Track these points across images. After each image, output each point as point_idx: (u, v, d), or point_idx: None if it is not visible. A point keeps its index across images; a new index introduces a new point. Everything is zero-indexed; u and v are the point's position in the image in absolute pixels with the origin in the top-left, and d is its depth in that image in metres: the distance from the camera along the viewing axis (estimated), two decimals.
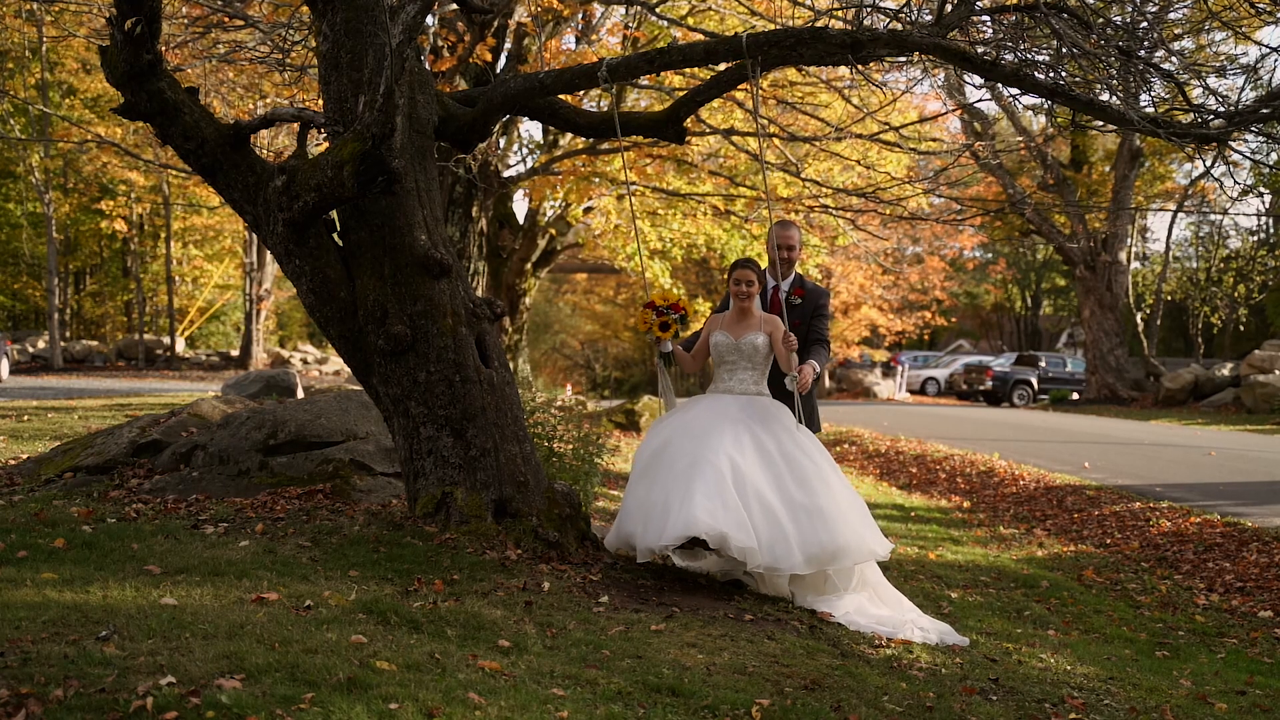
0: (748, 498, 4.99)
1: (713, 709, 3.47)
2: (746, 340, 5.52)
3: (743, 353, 5.52)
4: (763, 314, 5.64)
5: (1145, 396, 26.68)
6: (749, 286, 5.56)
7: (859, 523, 5.20)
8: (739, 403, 5.41)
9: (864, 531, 5.21)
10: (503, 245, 18.75)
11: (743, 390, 5.50)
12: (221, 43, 10.12)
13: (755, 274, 5.57)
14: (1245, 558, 7.72)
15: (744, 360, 5.52)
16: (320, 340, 37.88)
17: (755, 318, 5.58)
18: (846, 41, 5.10)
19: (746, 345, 5.52)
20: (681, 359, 5.78)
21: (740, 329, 5.56)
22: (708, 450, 5.09)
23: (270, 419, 6.83)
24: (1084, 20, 5.01)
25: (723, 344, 5.57)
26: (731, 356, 5.54)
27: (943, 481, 12.44)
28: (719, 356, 5.60)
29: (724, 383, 5.56)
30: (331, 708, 2.96)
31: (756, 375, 5.54)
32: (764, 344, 5.52)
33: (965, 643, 5.07)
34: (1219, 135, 4.95)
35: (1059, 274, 45.74)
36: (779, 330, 5.52)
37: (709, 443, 5.13)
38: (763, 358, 5.56)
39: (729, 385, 5.53)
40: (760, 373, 5.56)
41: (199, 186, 25.29)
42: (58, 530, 5.08)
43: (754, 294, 5.58)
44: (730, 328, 5.60)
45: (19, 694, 2.82)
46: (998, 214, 28.38)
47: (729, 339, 5.57)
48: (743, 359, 5.52)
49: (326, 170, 5.06)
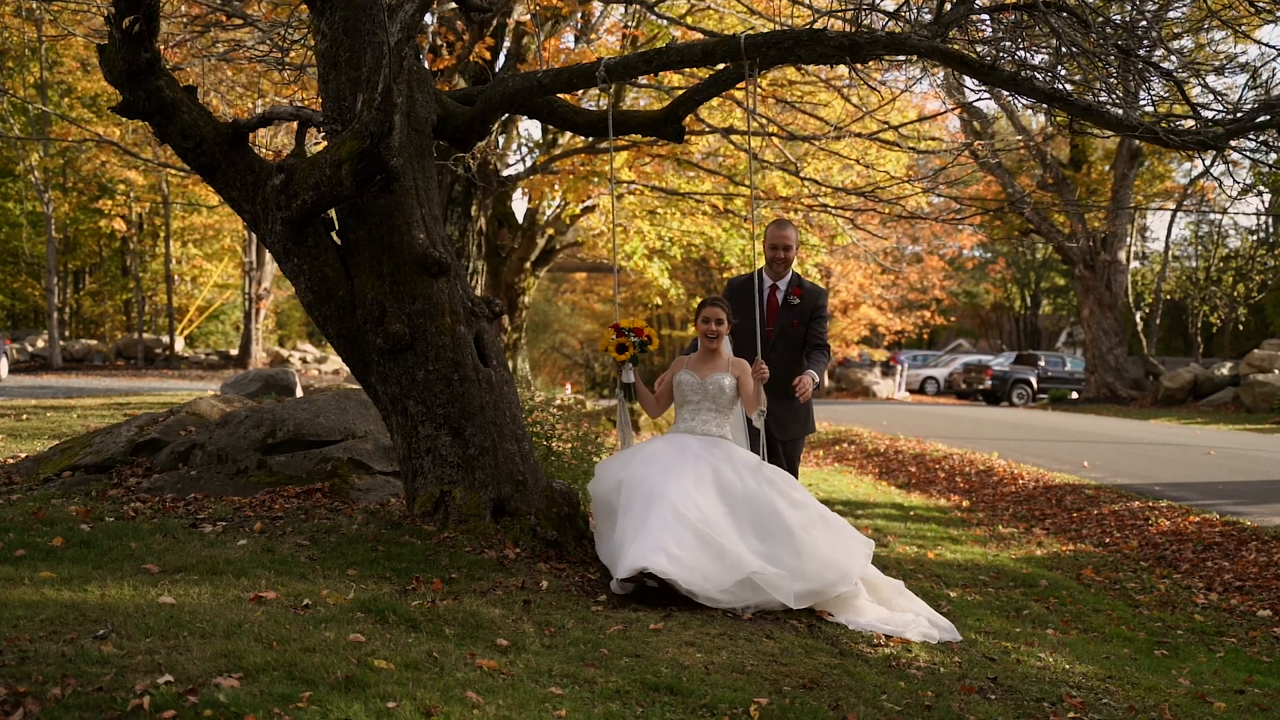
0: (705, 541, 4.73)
1: (711, 708, 3.47)
2: (712, 380, 5.26)
3: (707, 393, 5.25)
4: (731, 357, 5.38)
5: (1144, 396, 26.69)
6: (718, 325, 5.31)
7: (825, 560, 4.89)
8: (701, 442, 5.15)
9: (831, 567, 4.89)
10: (502, 244, 18.75)
11: (704, 432, 5.22)
12: (220, 41, 10.12)
13: (724, 313, 5.35)
14: (1244, 557, 7.72)
15: (708, 401, 5.24)
16: (319, 339, 37.86)
17: (723, 359, 5.34)
18: (844, 43, 5.09)
19: (712, 385, 5.25)
20: (643, 397, 5.51)
21: (706, 369, 5.30)
22: (667, 489, 4.83)
23: (269, 418, 6.83)
24: (1083, 19, 5.01)
25: (687, 383, 5.30)
26: (695, 396, 5.27)
27: (942, 481, 12.44)
28: (681, 396, 5.32)
29: (685, 423, 5.28)
30: (329, 706, 2.96)
31: (720, 419, 5.26)
32: (730, 386, 5.25)
33: (959, 639, 5.07)
34: (1216, 143, 4.95)
35: (1058, 273, 45.76)
36: (747, 375, 5.26)
37: (669, 480, 4.88)
38: (728, 400, 5.27)
39: (690, 426, 5.25)
40: (724, 416, 5.27)
41: (198, 185, 25.28)
42: (56, 529, 5.08)
43: (723, 334, 5.33)
44: (696, 367, 5.33)
45: (16, 693, 2.82)
46: (997, 213, 28.39)
47: (694, 378, 5.29)
48: (707, 399, 5.24)
49: (325, 169, 5.06)
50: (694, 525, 4.73)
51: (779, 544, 4.82)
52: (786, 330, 5.83)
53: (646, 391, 5.49)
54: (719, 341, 5.31)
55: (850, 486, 11.82)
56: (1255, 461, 13.29)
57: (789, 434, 5.86)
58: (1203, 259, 34.15)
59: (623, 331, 5.41)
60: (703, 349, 5.35)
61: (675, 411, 5.39)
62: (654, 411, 5.54)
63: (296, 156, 5.35)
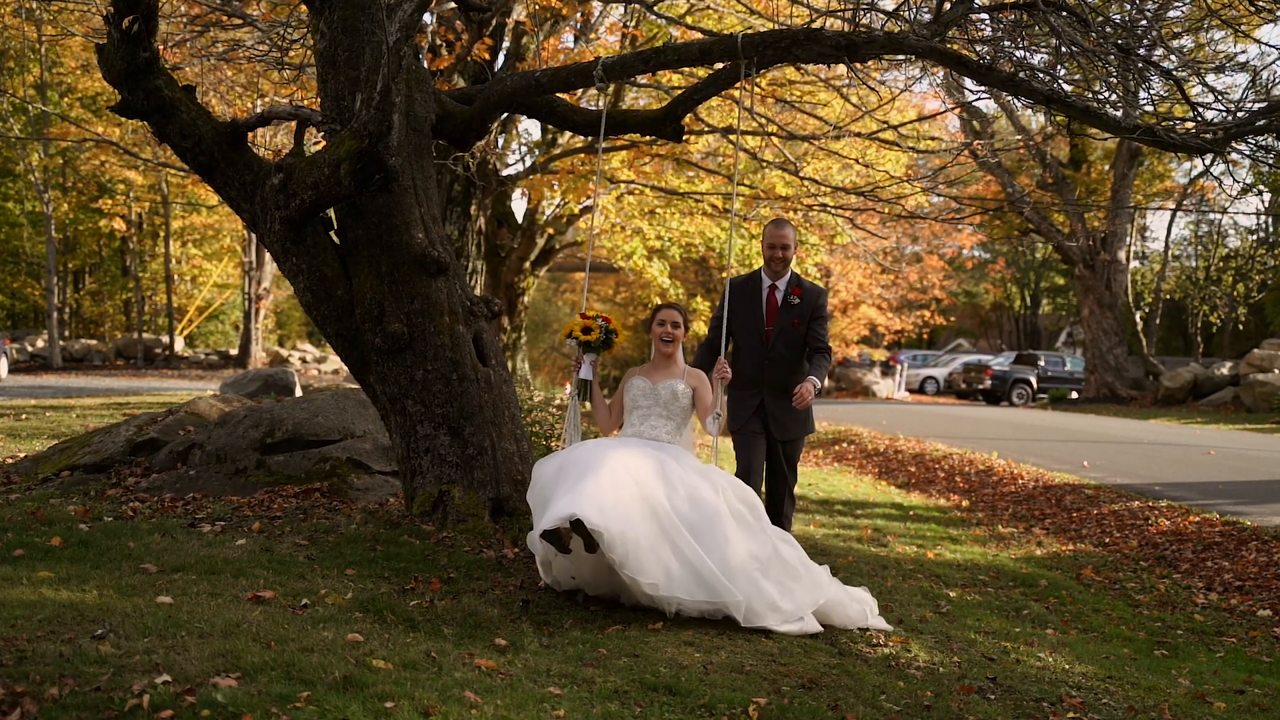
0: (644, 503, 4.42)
1: (710, 708, 3.47)
2: (665, 385, 4.96)
3: (659, 398, 4.94)
4: (687, 366, 5.12)
5: (1144, 395, 26.69)
6: (674, 329, 5.03)
7: (747, 582, 4.48)
8: (650, 443, 4.81)
9: (753, 592, 4.47)
10: (501, 244, 18.74)
11: (653, 437, 4.88)
12: (219, 41, 10.11)
13: (681, 317, 5.11)
14: (1244, 557, 7.71)
15: (659, 407, 4.93)
16: (319, 339, 37.86)
17: (678, 367, 5.05)
18: (842, 43, 5.09)
19: (664, 391, 4.94)
20: (597, 401, 5.17)
21: (660, 375, 5.01)
22: (606, 458, 4.49)
23: (268, 418, 6.82)
24: (1083, 18, 5.01)
25: (637, 387, 4.99)
26: (645, 401, 4.95)
27: (941, 480, 12.43)
28: (631, 402, 4.99)
29: (633, 428, 4.94)
30: (327, 706, 2.95)
31: (671, 427, 4.93)
32: (684, 393, 4.95)
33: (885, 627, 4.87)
34: (1214, 147, 4.95)
35: (1058, 273, 45.76)
36: (705, 385, 5.01)
37: (609, 454, 4.53)
38: (680, 408, 4.95)
39: (639, 431, 4.91)
40: (676, 425, 4.95)
41: (198, 185, 25.28)
42: (54, 529, 5.08)
43: (678, 338, 5.05)
44: (648, 373, 5.05)
45: (14, 692, 2.81)
46: (997, 213, 28.39)
47: (645, 383, 5.00)
48: (658, 405, 4.93)
49: (324, 168, 5.06)
50: (634, 489, 4.40)
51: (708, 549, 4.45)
52: (786, 330, 5.82)
53: (601, 397, 5.18)
54: (674, 346, 5.05)
55: (850, 486, 11.81)
56: (1255, 461, 13.29)
57: (788, 434, 5.86)
58: (1202, 258, 34.15)
59: (590, 317, 5.16)
60: (657, 354, 5.10)
61: (625, 418, 5.06)
62: (605, 422, 5.18)
63: (295, 156, 5.35)
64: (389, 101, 4.84)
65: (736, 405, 5.81)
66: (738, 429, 5.77)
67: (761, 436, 5.74)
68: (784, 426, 5.82)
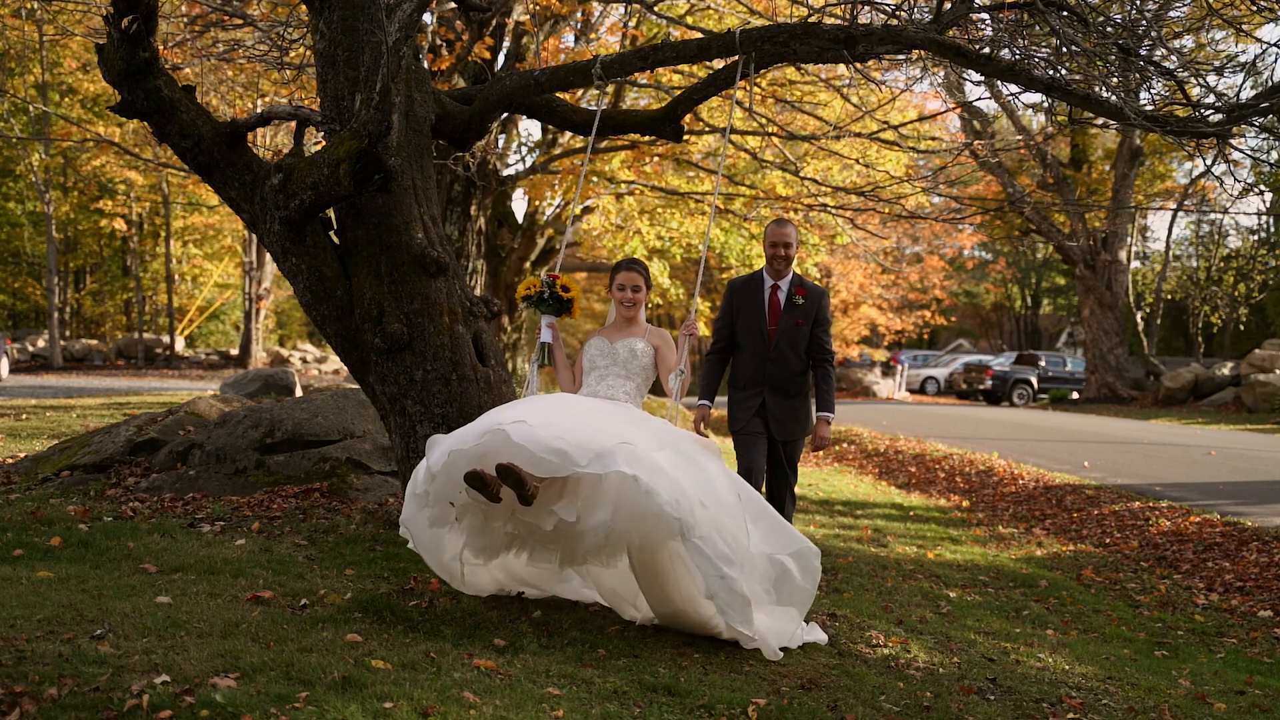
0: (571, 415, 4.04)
1: (709, 708, 3.46)
2: (623, 344, 4.67)
3: (617, 357, 4.65)
4: (651, 327, 4.81)
5: (1145, 396, 26.68)
6: (634, 293, 4.74)
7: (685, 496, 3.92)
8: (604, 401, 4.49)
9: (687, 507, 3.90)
10: (501, 244, 18.74)
11: (610, 397, 4.57)
12: (219, 41, 10.12)
13: (642, 277, 4.81)
14: (1245, 557, 7.71)
15: (617, 366, 4.64)
16: (319, 339, 37.87)
17: (640, 327, 4.77)
18: (840, 37, 5.08)
19: (622, 349, 4.66)
20: (560, 365, 4.95)
21: (619, 335, 4.74)
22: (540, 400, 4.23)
23: (267, 418, 6.82)
24: (1083, 18, 5.00)
25: (595, 348, 4.71)
26: (603, 361, 4.66)
27: (942, 481, 12.43)
28: (590, 363, 4.71)
29: (589, 388, 4.65)
30: (326, 706, 2.95)
31: (630, 387, 4.63)
32: (644, 351, 4.66)
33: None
34: (1217, 131, 4.93)
35: (1059, 273, 45.75)
36: (668, 345, 4.71)
37: (547, 399, 4.27)
38: (640, 367, 4.66)
39: (595, 391, 4.61)
40: (636, 386, 4.65)
41: (198, 185, 25.29)
42: (54, 529, 5.08)
43: (640, 301, 4.76)
44: (607, 333, 4.77)
45: (13, 692, 2.81)
46: (997, 213, 28.37)
47: (603, 342, 4.71)
48: (616, 365, 4.65)
49: (323, 168, 5.05)
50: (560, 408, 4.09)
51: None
52: (790, 330, 5.82)
53: (564, 359, 4.95)
54: (636, 310, 4.76)
55: (850, 486, 11.81)
56: (1256, 462, 13.28)
57: (788, 434, 5.85)
58: (1203, 259, 34.14)
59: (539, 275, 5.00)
60: (619, 317, 4.81)
61: (584, 380, 4.76)
62: (567, 384, 4.91)
63: (295, 156, 5.35)
64: (388, 102, 4.84)
65: (738, 405, 5.81)
66: (739, 429, 5.77)
67: (763, 437, 5.74)
68: (784, 426, 5.82)
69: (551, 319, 4.91)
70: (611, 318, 4.90)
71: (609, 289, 4.86)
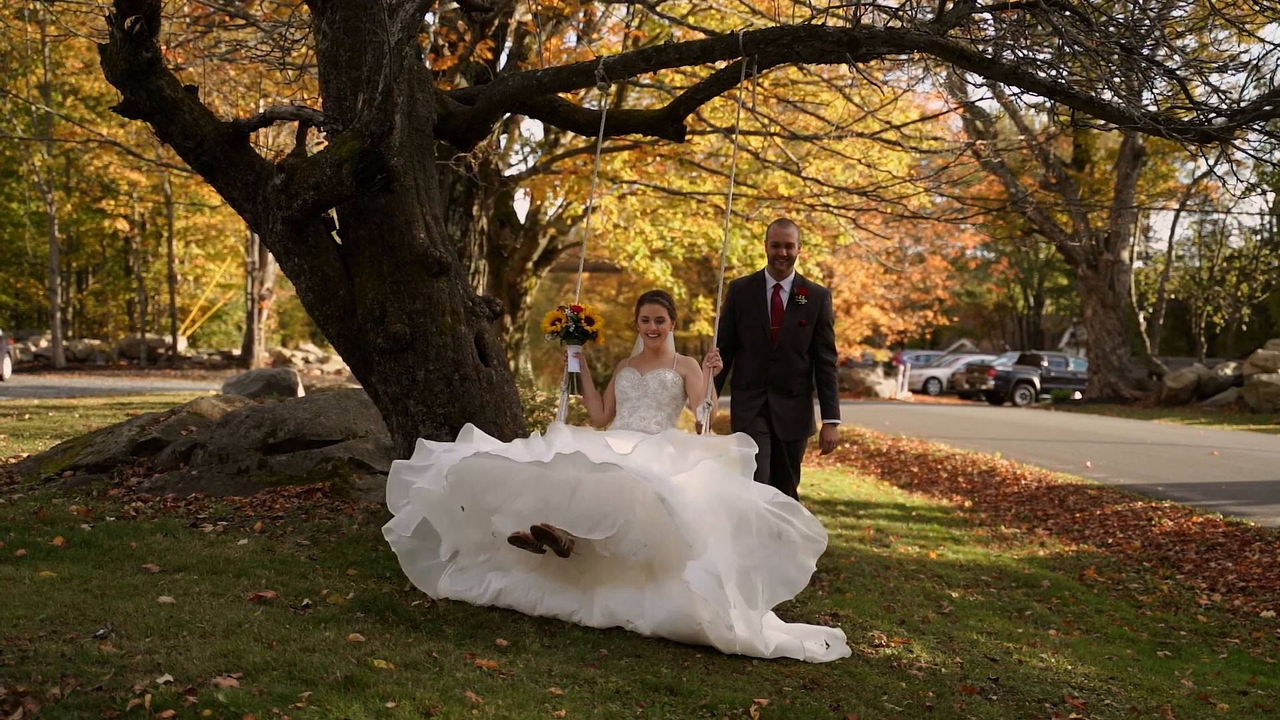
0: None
1: (711, 708, 3.46)
2: (653, 375, 4.88)
3: (647, 389, 4.87)
4: (678, 355, 5.02)
5: (1148, 396, 26.65)
6: (659, 324, 4.93)
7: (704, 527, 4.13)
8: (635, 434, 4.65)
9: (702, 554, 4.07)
10: (503, 244, 18.76)
11: (643, 428, 4.78)
12: (222, 41, 10.12)
13: (666, 309, 4.98)
14: (1248, 557, 7.70)
15: (648, 398, 4.86)
16: (322, 339, 37.89)
17: (668, 356, 4.97)
18: (843, 39, 5.08)
19: (652, 381, 4.86)
20: (589, 393, 5.13)
21: (648, 366, 4.94)
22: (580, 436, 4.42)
23: (270, 418, 6.83)
24: (1085, 17, 4.99)
25: (626, 380, 4.92)
26: (634, 394, 4.89)
27: (944, 481, 12.42)
28: (622, 395, 4.93)
29: (623, 419, 4.87)
30: (329, 706, 2.95)
31: (661, 417, 4.84)
32: (673, 381, 4.87)
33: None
34: (1220, 134, 4.93)
35: (1061, 273, 45.71)
36: (695, 373, 4.91)
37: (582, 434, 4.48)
38: (670, 397, 4.87)
39: (628, 423, 4.83)
40: (667, 415, 4.86)
41: (201, 186, 25.31)
42: (57, 528, 5.08)
43: (664, 332, 4.95)
44: (637, 364, 4.98)
45: (16, 692, 2.82)
46: (999, 213, 28.34)
47: (634, 374, 4.92)
48: (646, 396, 4.86)
49: (325, 168, 5.06)
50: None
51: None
52: (793, 330, 5.82)
53: (593, 387, 5.14)
54: (662, 340, 4.96)
55: (852, 487, 11.81)
56: (1259, 462, 13.27)
57: (791, 435, 5.86)
58: (1206, 259, 34.08)
59: (562, 309, 5.12)
60: (645, 348, 5.02)
61: (616, 411, 4.99)
62: (597, 414, 5.13)
63: (297, 156, 5.35)
64: (391, 102, 4.84)
65: (741, 406, 5.81)
66: (743, 429, 5.77)
67: (766, 437, 5.74)
68: (787, 427, 5.82)
69: (578, 348, 5.09)
70: (639, 349, 5.08)
71: (635, 320, 5.09)
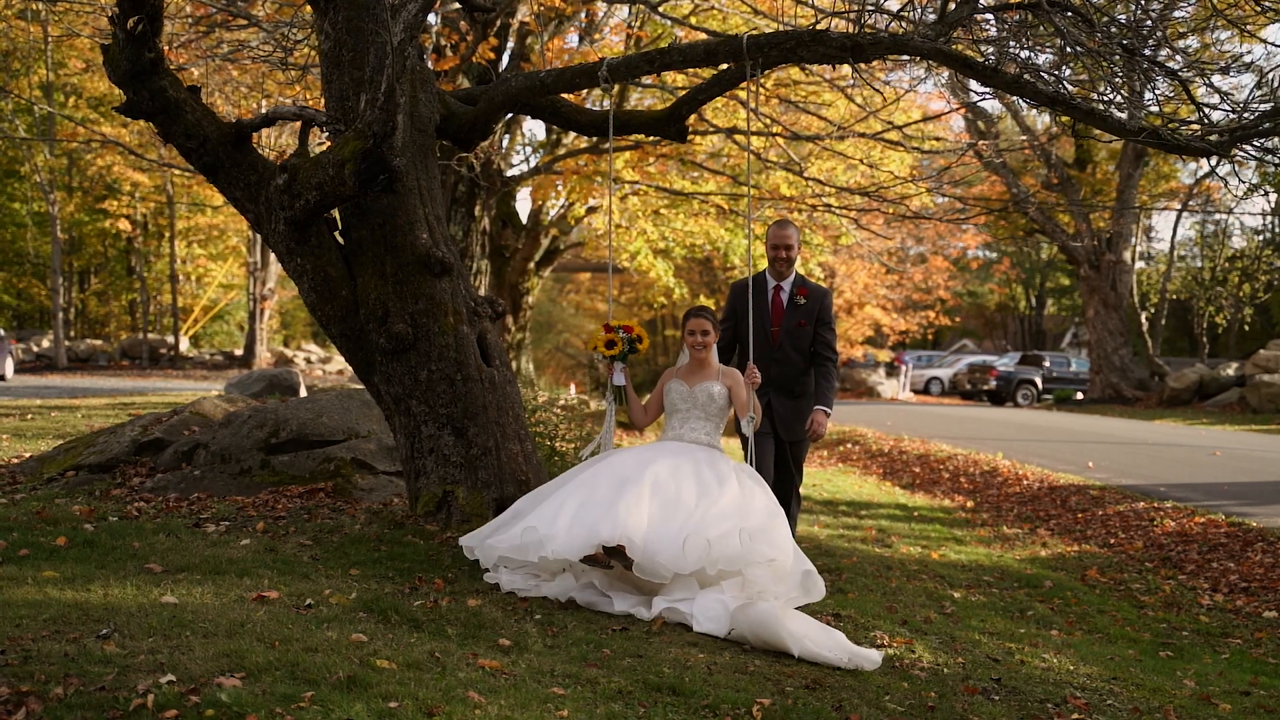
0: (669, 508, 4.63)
1: (713, 708, 3.46)
2: (701, 388, 5.18)
3: (696, 401, 5.18)
4: (722, 366, 5.33)
5: (1150, 396, 26.63)
6: (704, 336, 5.21)
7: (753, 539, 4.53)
8: (687, 448, 5.05)
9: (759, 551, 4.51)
10: (505, 244, 18.76)
11: (693, 439, 5.12)
12: (225, 42, 10.14)
13: (710, 323, 5.25)
14: (1250, 558, 7.69)
15: (698, 409, 5.17)
16: (324, 339, 37.91)
17: (713, 368, 5.26)
18: (847, 44, 5.08)
19: (701, 394, 5.17)
20: (632, 402, 5.41)
21: (696, 378, 5.22)
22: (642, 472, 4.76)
23: (272, 418, 6.83)
24: (1087, 18, 4.99)
25: (676, 391, 5.22)
26: (684, 405, 5.19)
27: (946, 481, 12.42)
28: (671, 405, 5.25)
29: (674, 430, 5.19)
30: (331, 706, 2.95)
31: (710, 427, 5.17)
32: (720, 394, 5.17)
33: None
34: (1218, 149, 4.93)
35: (1063, 273, 45.67)
36: (739, 384, 5.21)
37: (643, 467, 4.81)
38: (718, 409, 5.19)
39: (679, 434, 5.16)
40: (715, 425, 5.20)
41: (203, 186, 25.34)
42: (59, 528, 5.09)
43: (709, 344, 5.24)
44: (685, 377, 5.26)
45: (19, 692, 2.82)
46: (1001, 213, 28.33)
47: (683, 386, 5.22)
48: (696, 408, 5.17)
49: (328, 169, 5.06)
50: (663, 497, 4.65)
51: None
52: (793, 330, 5.83)
53: (636, 397, 5.43)
54: (707, 352, 5.24)
55: (854, 487, 11.81)
56: (1261, 462, 13.26)
57: (794, 434, 5.86)
58: (1208, 259, 34.07)
59: (612, 329, 5.35)
60: (691, 359, 5.28)
61: (665, 421, 5.31)
62: (640, 419, 5.44)
63: (300, 156, 5.36)
64: (393, 102, 4.85)
65: None
66: None
67: (770, 437, 5.75)
68: (790, 427, 5.83)
69: (623, 364, 5.35)
70: (684, 359, 5.34)
71: (681, 335, 5.40)
